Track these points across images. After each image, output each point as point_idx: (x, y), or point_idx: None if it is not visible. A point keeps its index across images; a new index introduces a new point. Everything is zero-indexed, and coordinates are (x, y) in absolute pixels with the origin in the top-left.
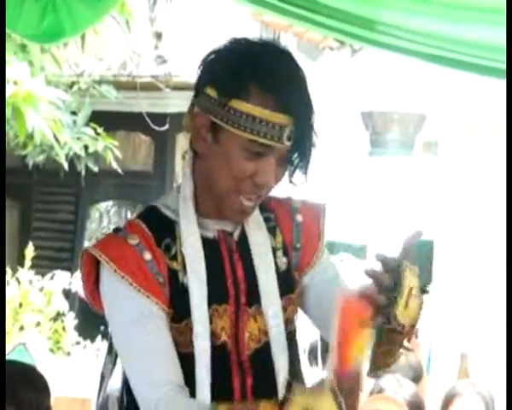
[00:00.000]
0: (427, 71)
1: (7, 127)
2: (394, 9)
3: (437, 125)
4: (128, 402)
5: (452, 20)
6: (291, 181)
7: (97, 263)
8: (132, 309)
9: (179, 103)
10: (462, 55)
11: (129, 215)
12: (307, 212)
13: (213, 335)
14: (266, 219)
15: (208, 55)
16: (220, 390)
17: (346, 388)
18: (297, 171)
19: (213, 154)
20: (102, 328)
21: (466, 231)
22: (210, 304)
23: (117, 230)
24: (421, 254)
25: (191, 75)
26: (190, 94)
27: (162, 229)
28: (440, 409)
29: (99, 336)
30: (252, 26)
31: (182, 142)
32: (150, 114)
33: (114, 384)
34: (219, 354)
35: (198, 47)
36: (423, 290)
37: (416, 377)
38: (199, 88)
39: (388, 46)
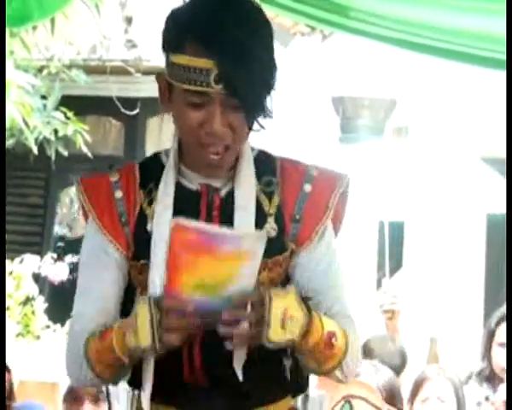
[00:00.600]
0: (398, 57)
1: None
2: None
3: (407, 111)
4: None
5: (424, 5)
6: (250, 128)
7: None
8: (90, 244)
9: (150, 88)
10: (434, 41)
11: None
12: (321, 182)
13: None
14: (267, 183)
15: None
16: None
17: None
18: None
19: (174, 112)
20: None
21: (436, 215)
22: None
23: (111, 166)
24: (393, 236)
25: (161, 60)
26: None
27: (152, 173)
28: (410, 394)
29: (68, 321)
30: None
31: (153, 126)
32: (120, 99)
33: None
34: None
35: None
36: (306, 298)
37: (402, 364)
38: None
39: (359, 32)
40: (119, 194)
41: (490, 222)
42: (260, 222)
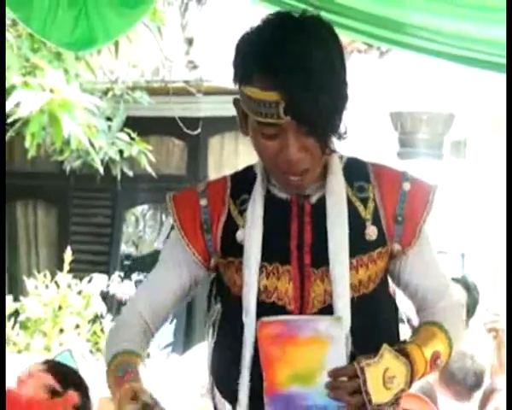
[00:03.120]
0: (454, 71)
1: (43, 133)
2: (420, 11)
3: (465, 125)
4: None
5: (477, 20)
6: (323, 150)
7: None
8: (167, 247)
9: (211, 107)
10: (488, 55)
11: (164, 218)
12: (417, 184)
13: (265, 292)
14: (359, 189)
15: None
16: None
17: None
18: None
19: (251, 138)
20: None
21: (495, 231)
22: (271, 261)
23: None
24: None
25: (222, 80)
26: (221, 98)
27: (246, 185)
28: (479, 404)
29: None
30: None
31: (214, 145)
32: (183, 119)
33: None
34: (273, 312)
35: (229, 52)
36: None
37: (477, 384)
38: None
39: (415, 47)
40: (203, 202)
41: None
42: (358, 227)
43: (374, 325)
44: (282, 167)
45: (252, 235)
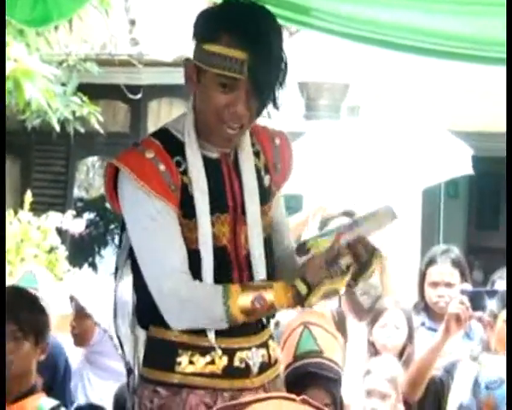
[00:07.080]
0: (350, 48)
1: (9, 97)
2: None
3: (359, 93)
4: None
5: (368, 4)
6: (258, 114)
7: (116, 172)
8: (149, 208)
9: (150, 76)
10: (378, 35)
11: None
12: (281, 137)
13: (216, 238)
14: (252, 145)
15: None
16: (222, 282)
17: None
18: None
19: (199, 92)
20: (90, 259)
21: (379, 178)
22: (214, 212)
23: (135, 144)
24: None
25: (159, 54)
26: (159, 69)
27: (173, 147)
28: (370, 320)
29: (85, 265)
30: None
31: (153, 108)
32: (127, 86)
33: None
34: (221, 253)
35: (164, 32)
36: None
37: (377, 296)
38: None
39: (318, 28)
40: (162, 167)
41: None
42: (260, 178)
43: (273, 253)
44: (225, 119)
45: (200, 187)
